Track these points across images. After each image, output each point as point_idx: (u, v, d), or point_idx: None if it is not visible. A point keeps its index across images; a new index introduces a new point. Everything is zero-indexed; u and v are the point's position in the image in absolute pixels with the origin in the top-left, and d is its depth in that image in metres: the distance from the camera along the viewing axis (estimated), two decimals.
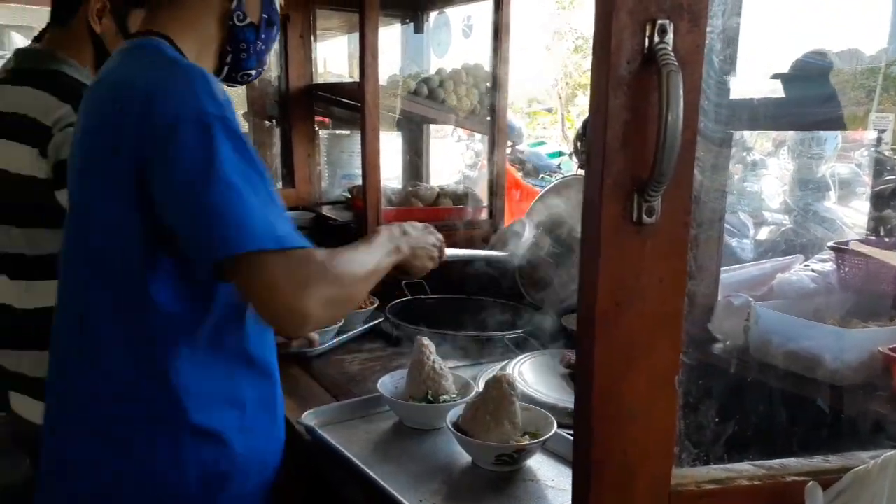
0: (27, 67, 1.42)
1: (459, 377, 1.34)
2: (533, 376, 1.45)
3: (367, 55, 2.01)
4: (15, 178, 1.35)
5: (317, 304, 0.88)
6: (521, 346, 1.68)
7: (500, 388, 1.13)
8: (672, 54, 0.51)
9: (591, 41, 0.53)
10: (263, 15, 1.09)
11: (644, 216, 0.53)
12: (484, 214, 2.29)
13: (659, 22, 0.51)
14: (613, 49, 0.50)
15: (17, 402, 1.45)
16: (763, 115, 0.89)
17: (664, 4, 0.51)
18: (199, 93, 0.89)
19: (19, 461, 1.99)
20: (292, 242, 0.88)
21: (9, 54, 1.55)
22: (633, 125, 0.52)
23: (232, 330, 1.00)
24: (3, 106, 1.36)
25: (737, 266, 1.06)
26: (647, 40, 0.51)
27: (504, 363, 1.52)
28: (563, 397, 1.32)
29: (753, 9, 0.88)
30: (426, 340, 1.33)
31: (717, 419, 0.68)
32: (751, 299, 0.94)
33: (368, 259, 1.06)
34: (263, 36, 1.10)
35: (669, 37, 0.51)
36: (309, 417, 1.25)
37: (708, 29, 0.54)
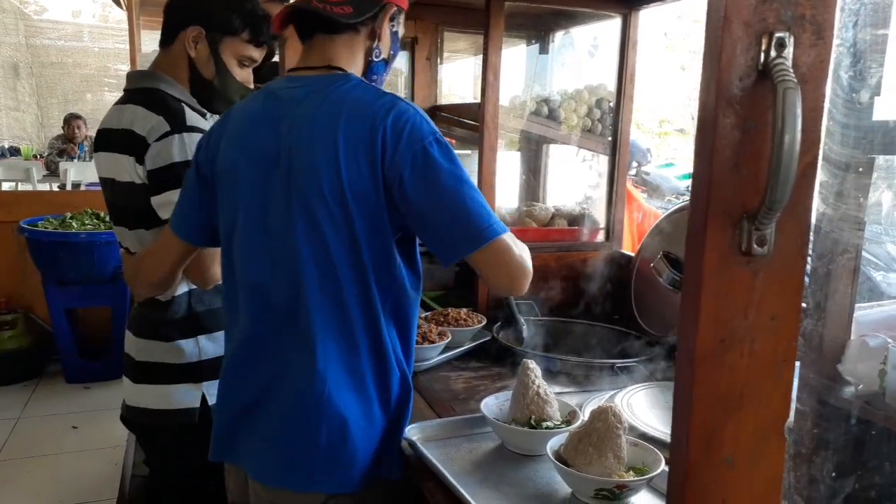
0: (133, 87, 1.56)
1: (565, 404, 1.30)
2: (643, 409, 1.38)
3: (489, 75, 2.03)
4: (120, 186, 1.49)
5: None
6: (632, 376, 1.60)
7: (605, 420, 1.08)
8: (790, 70, 0.46)
9: None
10: (392, 52, 1.28)
11: (755, 246, 0.48)
12: (600, 236, 2.23)
13: (777, 35, 0.46)
14: (724, 64, 0.46)
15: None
16: None
17: (784, 15, 0.46)
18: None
19: None
20: None
21: None
22: (744, 147, 0.48)
23: None
24: (114, 123, 1.51)
25: (875, 303, 0.95)
26: (762, 55, 0.47)
27: (613, 393, 1.46)
28: None
29: None
30: (532, 364, 1.30)
31: (834, 473, 0.60)
32: (889, 340, 0.84)
33: None
34: (388, 68, 1.29)
35: (789, 51, 0.47)
36: (412, 432, 1.26)
37: (837, 42, 0.49)
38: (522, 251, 1.15)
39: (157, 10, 4.59)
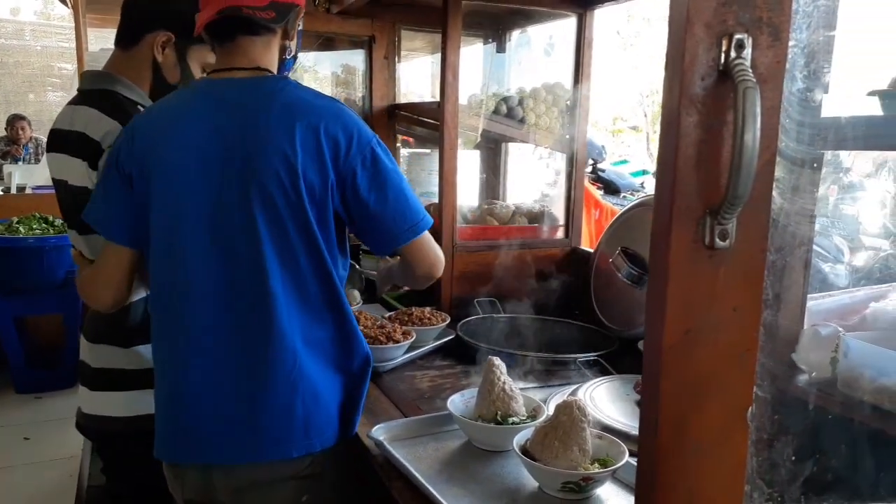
0: (88, 88, 1.52)
1: (530, 399, 1.32)
2: (606, 402, 1.41)
3: (447, 75, 2.03)
4: (73, 189, 1.45)
5: None
6: (594, 370, 1.63)
7: (570, 414, 1.10)
8: (750, 70, 0.48)
9: None
10: (297, 47, 1.38)
11: (717, 240, 0.50)
12: (560, 233, 2.26)
13: (736, 36, 0.48)
14: (686, 64, 0.48)
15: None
16: (857, 135, 0.84)
17: (742, 18, 0.48)
18: None
19: None
20: None
21: None
22: (706, 145, 0.49)
23: None
24: (67, 124, 1.46)
25: (825, 293, 0.99)
26: (722, 55, 0.48)
27: (576, 387, 1.49)
28: (637, 425, 1.27)
29: (850, 22, 0.83)
30: (497, 360, 1.31)
31: (794, 457, 0.63)
32: (840, 329, 0.88)
33: None
34: (293, 64, 1.41)
35: (747, 52, 0.49)
36: (378, 432, 1.26)
37: (792, 43, 0.51)
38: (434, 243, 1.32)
39: (105, 7, 4.46)
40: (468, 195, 2.57)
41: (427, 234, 1.27)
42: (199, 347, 1.21)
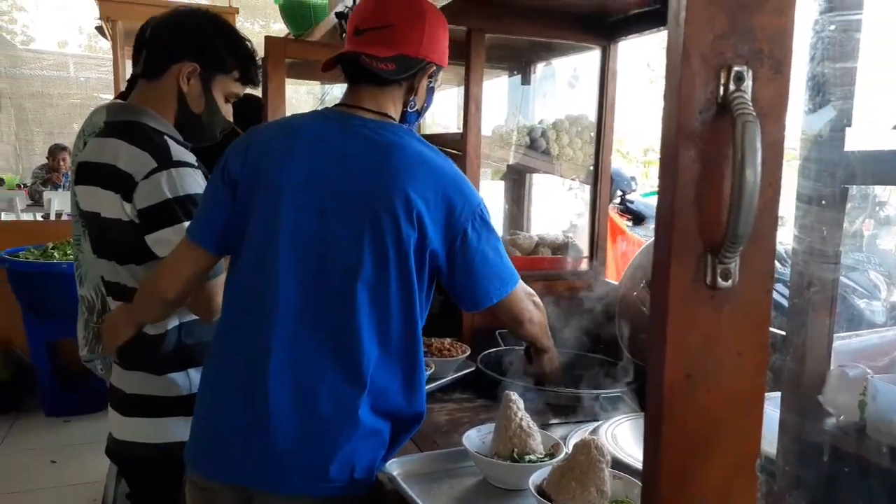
0: (114, 120, 1.56)
1: (548, 436, 1.29)
2: (629, 440, 1.36)
3: (470, 107, 2.04)
4: (105, 221, 1.48)
5: None
6: (617, 407, 1.59)
7: (588, 453, 1.07)
8: (749, 104, 0.46)
9: None
10: (425, 104, 1.40)
11: (719, 280, 0.48)
12: (585, 265, 2.23)
13: (735, 69, 0.46)
14: (684, 97, 0.46)
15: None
16: (883, 169, 0.80)
17: (741, 50, 0.47)
18: None
19: None
20: None
21: None
22: (706, 180, 0.47)
23: None
24: (97, 157, 1.50)
25: (853, 333, 0.95)
26: (721, 88, 0.47)
27: (598, 424, 1.44)
28: None
29: (874, 54, 0.80)
30: (514, 395, 1.29)
31: None
32: (868, 371, 0.83)
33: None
34: (420, 118, 1.44)
35: (747, 84, 0.47)
36: (392, 466, 1.24)
37: (802, 76, 0.49)
38: (526, 293, 1.40)
39: None
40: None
41: (516, 291, 1.33)
42: (280, 369, 1.21)
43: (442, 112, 3.78)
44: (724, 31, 0.47)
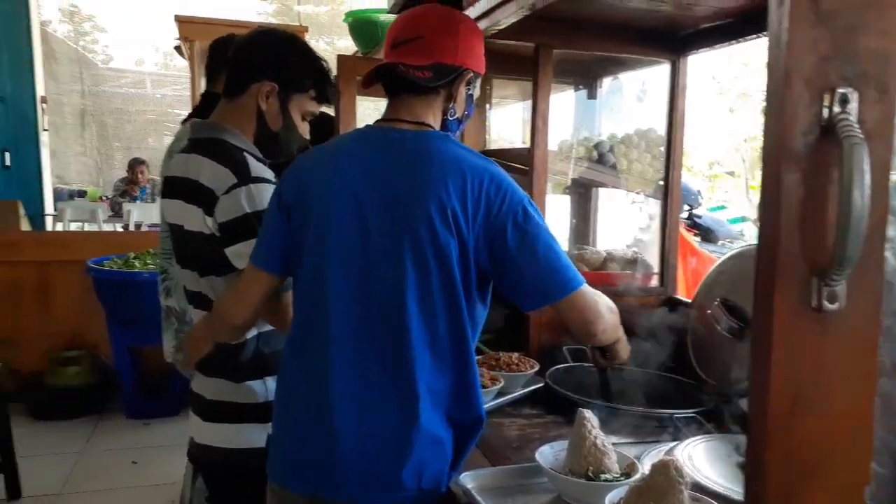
0: (197, 137, 1.63)
1: (623, 455, 1.27)
2: (705, 462, 1.34)
3: (537, 121, 2.05)
4: (188, 234, 1.55)
5: None
6: (691, 427, 1.55)
7: (667, 474, 1.05)
8: (855, 125, 0.45)
9: None
10: (466, 112, 1.40)
11: (825, 303, 0.47)
12: (654, 281, 2.19)
13: (839, 91, 0.46)
14: (787, 120, 0.46)
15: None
16: None
17: (846, 72, 0.46)
18: None
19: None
20: None
21: None
22: (810, 203, 0.47)
23: None
24: (181, 172, 1.57)
25: None
26: (825, 110, 0.47)
27: (672, 445, 1.42)
28: (739, 489, 1.19)
29: None
30: (588, 413, 1.28)
31: None
32: None
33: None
34: (462, 126, 1.43)
35: (852, 106, 0.46)
36: (466, 479, 1.25)
37: None
38: (599, 299, 1.33)
39: None
40: (558, 240, 2.55)
41: (580, 294, 1.28)
42: (340, 382, 1.25)
43: (506, 127, 3.80)
44: (827, 53, 0.47)
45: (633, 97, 2.61)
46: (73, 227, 6.25)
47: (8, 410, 2.98)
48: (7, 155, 5.96)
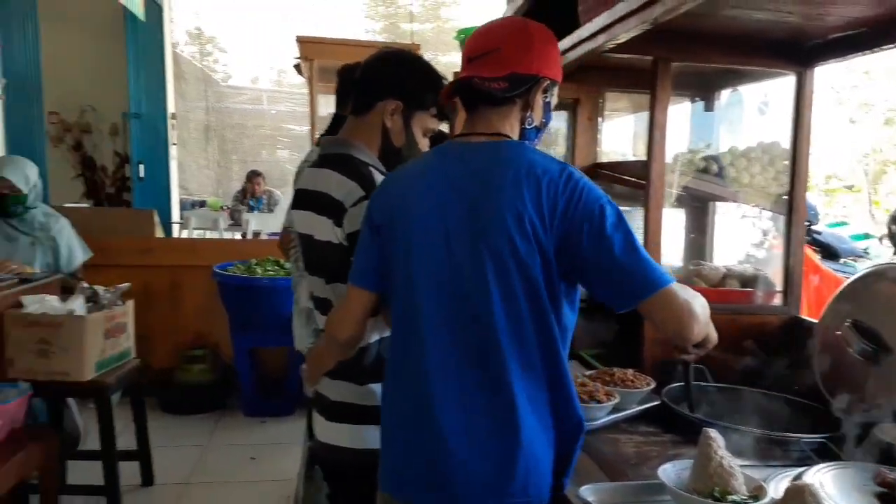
0: (326, 153, 1.73)
1: (750, 478, 1.25)
2: (836, 490, 1.28)
3: (655, 134, 2.04)
4: (318, 243, 1.64)
5: None
6: (819, 454, 1.49)
7: (802, 500, 1.04)
8: None
9: None
10: (543, 120, 1.41)
11: None
12: (777, 300, 2.12)
13: None
14: None
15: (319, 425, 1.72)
16: None
17: None
18: None
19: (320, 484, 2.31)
20: None
21: None
22: None
23: None
24: (312, 185, 1.67)
25: None
26: None
27: (801, 471, 1.37)
28: None
29: None
30: (714, 433, 1.27)
31: None
32: None
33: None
34: (540, 135, 1.43)
35: None
36: (587, 492, 1.26)
37: None
38: (692, 298, 1.27)
39: (332, 76, 5.06)
40: (672, 255, 2.51)
41: (669, 292, 1.24)
42: (439, 392, 1.29)
43: (615, 140, 3.76)
44: None
45: (753, 109, 2.53)
46: (196, 234, 6.73)
47: (144, 404, 3.25)
48: (141, 167, 6.50)
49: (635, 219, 2.73)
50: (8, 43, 3.63)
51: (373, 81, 1.72)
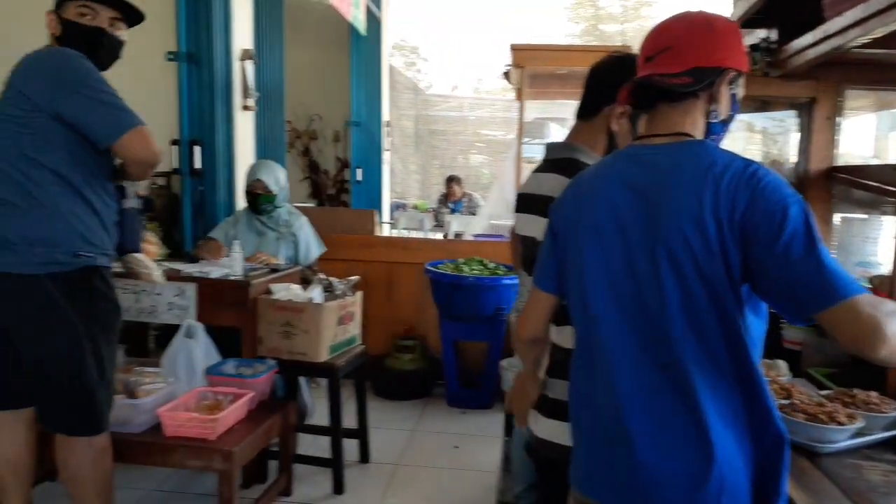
0: (552, 157, 1.77)
1: None
2: None
3: None
4: (538, 244, 1.65)
5: None
6: None
7: None
8: None
9: None
10: (730, 113, 1.34)
11: None
12: None
13: None
14: None
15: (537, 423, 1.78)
16: None
17: None
18: None
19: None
20: None
21: (547, 140, 1.94)
22: None
23: None
24: (535, 189, 1.74)
25: None
26: None
27: None
28: None
29: None
30: None
31: None
32: None
33: None
34: (726, 128, 1.36)
35: None
36: None
37: None
38: (885, 315, 1.08)
39: (539, 83, 5.15)
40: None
41: (852, 305, 1.08)
42: (625, 398, 1.27)
43: (849, 141, 3.41)
44: None
45: None
46: (404, 233, 7.21)
47: (365, 386, 3.56)
48: (359, 171, 7.11)
49: (871, 226, 2.47)
50: (261, 58, 4.16)
51: (600, 86, 1.76)
